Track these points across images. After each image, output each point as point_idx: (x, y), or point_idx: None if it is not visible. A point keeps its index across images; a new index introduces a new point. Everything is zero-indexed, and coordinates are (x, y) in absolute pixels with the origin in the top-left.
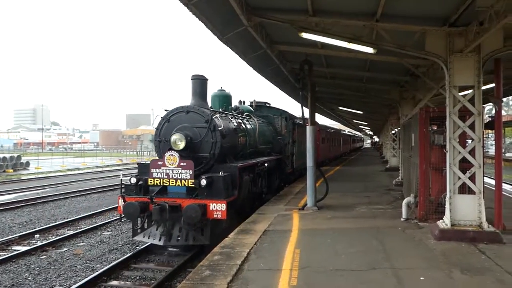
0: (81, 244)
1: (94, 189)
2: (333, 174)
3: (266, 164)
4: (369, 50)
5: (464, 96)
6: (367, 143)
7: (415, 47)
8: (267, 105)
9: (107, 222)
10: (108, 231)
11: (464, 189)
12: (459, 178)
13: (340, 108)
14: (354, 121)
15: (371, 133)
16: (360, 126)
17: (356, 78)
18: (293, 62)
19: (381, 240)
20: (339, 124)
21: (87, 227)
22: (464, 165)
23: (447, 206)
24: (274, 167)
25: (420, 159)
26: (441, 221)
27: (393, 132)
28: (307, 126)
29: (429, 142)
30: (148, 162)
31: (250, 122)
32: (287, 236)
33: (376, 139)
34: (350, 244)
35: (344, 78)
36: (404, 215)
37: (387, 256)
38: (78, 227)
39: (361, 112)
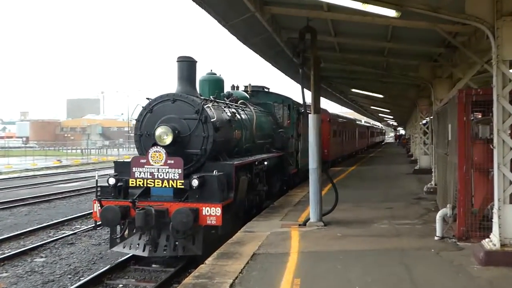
0: (4, 275)
1: (22, 200)
2: (345, 178)
3: (265, 163)
4: (391, 13)
5: None
6: (390, 137)
7: (452, 9)
8: (265, 90)
9: (41, 245)
10: (41, 256)
11: None
12: (511, 182)
13: (353, 90)
14: (372, 107)
15: (395, 123)
16: (380, 115)
17: (374, 50)
18: (290, 30)
19: (408, 266)
20: (351, 112)
21: (13, 252)
22: None
23: (494, 220)
24: (275, 166)
25: (459, 157)
26: (487, 240)
27: (424, 122)
28: (309, 115)
29: (470, 135)
30: (128, 160)
31: (246, 112)
32: (283, 262)
33: (401, 132)
34: (367, 272)
35: (358, 50)
36: (438, 232)
37: (415, 287)
38: (0, 252)
39: (381, 96)
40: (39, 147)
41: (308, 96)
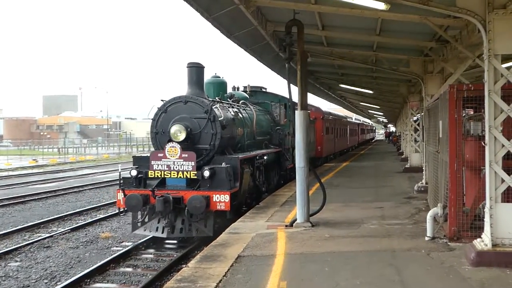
0: None
1: None
2: (334, 177)
3: (265, 157)
4: (380, 5)
5: (509, 68)
6: (380, 134)
7: (443, 2)
8: (263, 90)
9: (15, 249)
10: (16, 260)
11: (509, 196)
12: (503, 180)
13: (342, 86)
14: (361, 104)
15: (385, 120)
16: (369, 112)
17: (363, 44)
18: (276, 23)
19: (398, 267)
20: (340, 108)
21: None
22: (510, 162)
23: (486, 219)
24: (273, 161)
25: (450, 155)
26: (479, 240)
27: (415, 118)
28: (296, 112)
29: (462, 132)
30: (146, 154)
31: (246, 111)
32: (269, 264)
33: (392, 129)
34: (355, 274)
35: (347, 44)
36: (429, 232)
37: None
38: None
39: (370, 92)
40: (14, 146)
41: (295, 92)
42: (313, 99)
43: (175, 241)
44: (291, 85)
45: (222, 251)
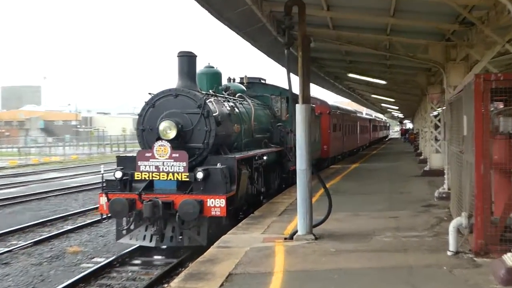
0: None
1: None
2: (342, 181)
3: (265, 158)
4: None
5: None
6: (395, 131)
7: None
8: (262, 81)
9: None
10: None
11: None
12: None
13: (350, 75)
14: (373, 96)
15: (400, 115)
16: (382, 105)
17: (375, 27)
18: (274, 2)
19: (415, 286)
20: (348, 102)
21: None
22: None
23: None
24: (274, 162)
25: (476, 156)
26: (509, 254)
27: (435, 113)
28: (297, 106)
29: (490, 129)
30: (132, 154)
31: (244, 105)
32: (265, 283)
33: (409, 125)
34: None
35: (356, 27)
36: (451, 246)
37: None
38: None
39: (383, 82)
40: None
41: (296, 82)
42: (317, 91)
43: (160, 256)
44: (291, 74)
45: (211, 268)
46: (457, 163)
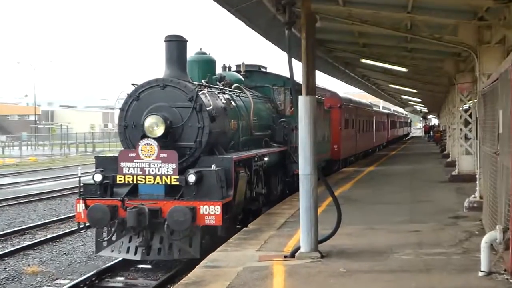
0: None
1: None
2: (354, 187)
3: (266, 158)
4: None
5: None
6: (417, 128)
7: None
8: (262, 70)
9: None
10: None
11: None
12: None
13: (364, 61)
14: (391, 86)
15: (424, 109)
16: (403, 97)
17: (394, 3)
18: None
19: None
20: (361, 93)
21: None
22: None
23: None
24: (276, 164)
25: None
26: None
27: (466, 107)
28: (299, 97)
29: None
30: (113, 154)
31: (241, 98)
32: None
33: (434, 121)
34: None
35: (371, 3)
36: (484, 265)
37: None
38: None
39: (404, 70)
40: None
41: (299, 69)
42: (324, 80)
43: (135, 280)
44: (293, 60)
45: None
46: (491, 166)
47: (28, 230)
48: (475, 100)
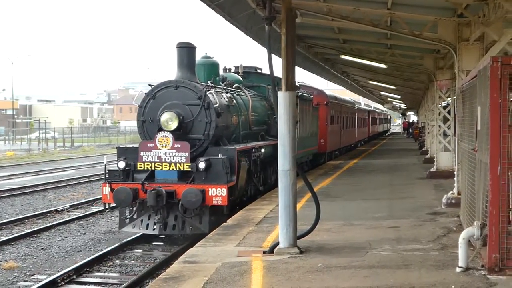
0: None
1: None
2: (332, 184)
3: (262, 150)
4: None
5: None
6: (396, 125)
7: None
8: (258, 71)
9: None
10: None
11: None
12: None
13: (344, 57)
14: (370, 83)
15: (403, 106)
16: (382, 94)
17: (373, 0)
18: None
19: None
20: (341, 89)
21: None
22: None
23: None
24: (271, 156)
25: (492, 154)
26: None
27: (444, 104)
28: (279, 93)
29: (508, 123)
30: (132, 145)
31: (241, 96)
32: None
33: (413, 118)
34: None
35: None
36: (461, 261)
37: None
38: None
39: (383, 66)
40: None
41: (279, 65)
42: (303, 76)
43: (115, 273)
44: (273, 56)
45: None
46: (469, 163)
47: (5, 225)
48: (454, 97)
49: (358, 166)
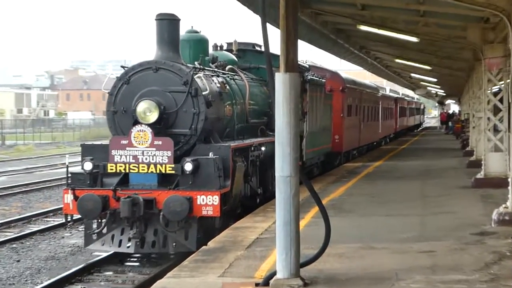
0: None
1: None
2: (348, 193)
3: (262, 148)
4: None
5: None
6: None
7: None
8: (257, 48)
9: None
10: None
11: None
12: None
13: (363, 28)
14: (397, 61)
15: (441, 92)
16: (413, 76)
17: None
18: None
19: None
20: (359, 70)
21: None
22: None
23: None
24: (272, 155)
25: None
26: None
27: (496, 89)
28: (276, 75)
29: None
30: (101, 142)
31: (236, 81)
32: None
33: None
34: None
35: None
36: None
37: None
38: None
39: (414, 39)
40: None
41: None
42: (310, 53)
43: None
44: (269, 26)
45: None
46: None
47: None
48: (508, 81)
49: (381, 170)
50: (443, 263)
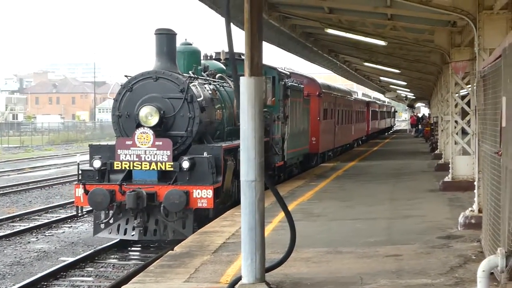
0: None
1: None
2: (315, 197)
3: None
4: None
5: None
6: (401, 120)
7: None
8: (243, 57)
9: None
10: None
11: None
12: None
13: (330, 31)
14: (366, 65)
15: (410, 95)
16: (382, 79)
17: None
18: None
19: None
20: (328, 73)
21: None
22: None
23: None
24: None
25: None
26: None
27: (463, 93)
28: (241, 79)
29: None
30: (107, 143)
31: (225, 88)
32: None
33: (424, 111)
34: None
35: None
36: None
37: None
38: None
39: (382, 43)
40: None
41: (241, 43)
42: (281, 58)
43: None
44: (233, 28)
45: None
46: (493, 170)
47: None
48: (474, 84)
49: (351, 173)
50: (409, 267)
